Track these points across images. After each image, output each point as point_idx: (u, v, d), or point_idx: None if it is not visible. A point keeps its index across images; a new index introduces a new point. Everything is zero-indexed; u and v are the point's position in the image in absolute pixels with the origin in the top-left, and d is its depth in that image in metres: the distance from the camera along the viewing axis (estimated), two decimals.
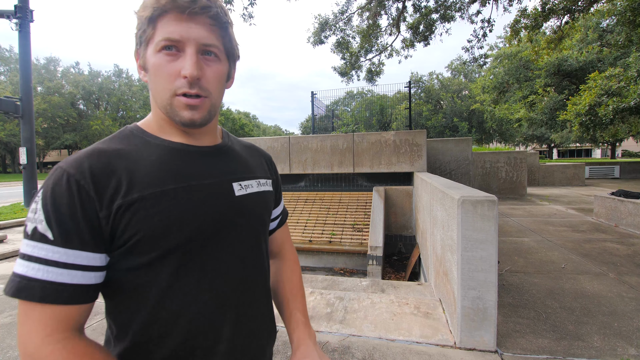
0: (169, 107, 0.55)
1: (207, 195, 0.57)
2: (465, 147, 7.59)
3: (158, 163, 0.55)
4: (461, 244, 1.91)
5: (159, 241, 0.51)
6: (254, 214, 0.64)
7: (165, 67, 0.53)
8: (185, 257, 0.53)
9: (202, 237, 0.55)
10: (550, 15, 7.69)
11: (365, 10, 9.37)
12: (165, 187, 0.53)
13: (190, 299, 0.54)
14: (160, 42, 0.52)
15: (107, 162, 0.51)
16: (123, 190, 0.50)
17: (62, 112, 31.92)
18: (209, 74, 0.55)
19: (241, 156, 0.69)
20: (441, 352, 1.91)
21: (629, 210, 4.93)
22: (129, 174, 0.52)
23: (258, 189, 0.67)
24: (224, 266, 0.58)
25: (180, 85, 0.53)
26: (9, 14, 5.64)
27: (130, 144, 0.56)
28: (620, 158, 36.17)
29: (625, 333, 2.11)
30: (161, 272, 0.52)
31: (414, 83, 23.63)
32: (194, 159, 0.59)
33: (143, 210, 0.50)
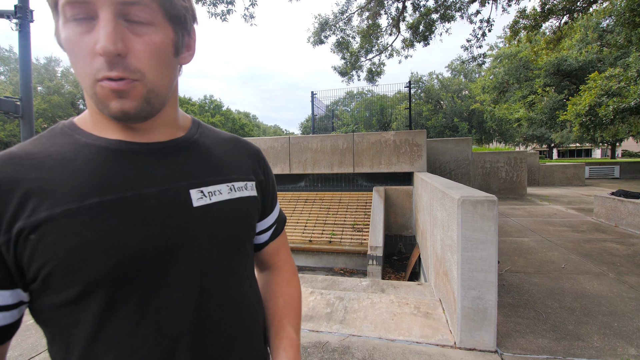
0: (95, 97, 0.40)
1: (149, 209, 0.42)
2: (465, 147, 7.59)
3: (82, 169, 0.41)
4: (461, 244, 1.91)
5: (74, 275, 0.38)
6: (221, 230, 0.48)
7: (77, 42, 0.38)
8: (117, 294, 0.40)
9: (138, 267, 0.41)
10: (549, 16, 7.69)
11: (365, 10, 9.37)
12: (84, 201, 0.39)
13: (125, 350, 0.41)
14: (65, 6, 0.37)
15: (13, 172, 0.39)
16: (29, 209, 0.38)
17: (62, 112, 31.93)
18: (139, 46, 0.39)
19: (210, 153, 0.53)
20: (441, 352, 1.91)
21: (629, 210, 4.93)
22: (40, 186, 0.39)
23: (230, 195, 0.51)
24: (174, 304, 0.43)
25: (99, 66, 0.38)
26: (9, 14, 5.64)
27: (54, 145, 0.43)
28: (620, 158, 36.18)
29: (625, 333, 2.11)
30: (86, 313, 0.39)
31: (414, 83, 23.65)
32: (135, 160, 0.45)
33: (52, 233, 0.38)
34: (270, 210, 0.64)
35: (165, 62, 0.43)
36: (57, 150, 0.43)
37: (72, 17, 0.38)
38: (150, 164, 0.46)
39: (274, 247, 0.67)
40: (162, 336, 0.43)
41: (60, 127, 0.47)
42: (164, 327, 0.43)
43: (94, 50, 0.38)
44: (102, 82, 0.39)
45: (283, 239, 0.69)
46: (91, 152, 0.43)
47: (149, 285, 0.42)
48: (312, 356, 1.91)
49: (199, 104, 50.30)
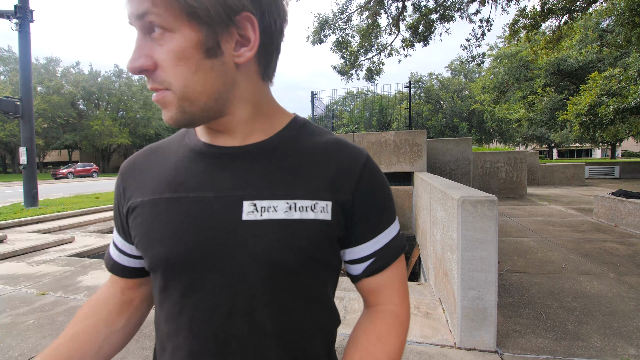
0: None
1: (202, 212, 0.43)
2: (465, 147, 7.59)
3: (172, 166, 0.48)
4: (461, 244, 1.91)
5: (147, 252, 0.46)
6: (263, 253, 0.42)
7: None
8: (168, 279, 0.45)
9: (182, 262, 0.43)
10: (549, 16, 7.69)
11: (364, 10, 9.38)
12: (162, 194, 0.46)
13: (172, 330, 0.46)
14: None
15: (142, 160, 0.52)
16: (136, 192, 0.49)
17: (62, 112, 31.92)
18: (162, 57, 0.38)
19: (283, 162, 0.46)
20: (441, 352, 1.91)
21: (629, 210, 4.93)
22: (147, 175, 0.50)
23: (286, 215, 0.43)
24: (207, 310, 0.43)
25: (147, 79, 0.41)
26: (9, 14, 5.64)
27: (170, 143, 0.53)
28: (620, 158, 36.19)
29: (625, 333, 2.11)
30: (155, 285, 0.48)
31: (413, 83, 23.64)
32: (207, 163, 0.46)
33: (140, 215, 0.47)
34: (365, 239, 0.48)
35: (192, 67, 0.39)
36: (169, 147, 0.52)
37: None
38: (217, 168, 0.46)
39: (374, 284, 0.51)
40: (193, 334, 0.44)
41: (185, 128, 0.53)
42: (196, 327, 0.44)
43: None
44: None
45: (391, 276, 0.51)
46: (184, 152, 0.49)
47: (190, 283, 0.44)
48: None
49: None
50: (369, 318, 0.51)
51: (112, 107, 37.42)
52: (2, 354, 2.01)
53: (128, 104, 37.22)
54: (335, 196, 0.45)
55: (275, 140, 0.47)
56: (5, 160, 37.87)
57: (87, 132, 33.10)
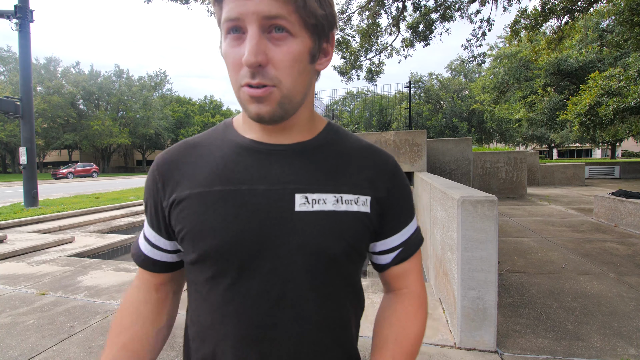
0: (239, 101, 0.47)
1: (254, 204, 0.47)
2: (465, 147, 7.59)
3: (219, 160, 0.50)
4: (461, 244, 1.91)
5: (195, 244, 0.48)
6: (312, 242, 0.47)
7: (231, 54, 0.44)
8: (218, 270, 0.47)
9: (233, 252, 0.46)
10: (550, 16, 7.69)
11: (365, 10, 9.37)
12: (212, 187, 0.48)
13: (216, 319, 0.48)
14: (224, 24, 0.43)
15: (181, 154, 0.52)
16: (181, 185, 0.50)
17: (62, 112, 31.92)
18: (278, 56, 0.43)
19: (331, 160, 0.52)
20: (441, 352, 1.91)
21: (629, 210, 4.93)
22: (190, 169, 0.51)
23: (334, 207, 0.48)
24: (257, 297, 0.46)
25: (244, 74, 0.43)
26: (9, 14, 5.64)
27: (210, 138, 0.54)
28: (620, 158, 36.19)
29: (625, 333, 2.11)
30: (200, 277, 0.49)
31: (413, 83, 23.64)
32: (259, 159, 0.50)
33: (188, 208, 0.48)
34: (395, 231, 0.56)
35: (300, 69, 0.45)
36: (211, 142, 0.53)
37: (229, 33, 0.44)
38: (268, 164, 0.50)
39: (399, 270, 0.58)
40: (240, 322, 0.47)
41: (223, 124, 0.57)
42: (244, 314, 0.47)
43: (241, 61, 0.43)
44: (244, 88, 0.44)
45: (413, 264, 0.59)
46: (229, 147, 0.52)
47: (240, 271, 0.47)
48: None
49: (199, 104, 50.30)
50: (396, 299, 0.59)
51: (112, 107, 37.43)
52: (2, 354, 2.01)
53: (128, 104, 37.22)
54: (374, 192, 0.53)
55: (319, 140, 0.53)
56: (5, 160, 37.88)
57: (87, 132, 33.10)
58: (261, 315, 0.46)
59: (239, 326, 0.47)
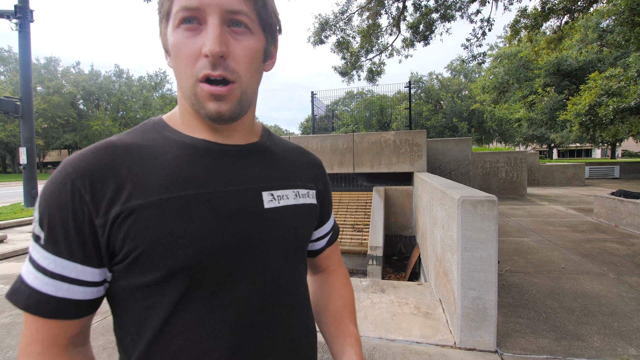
0: (193, 98, 0.44)
1: (225, 207, 0.46)
2: (465, 147, 7.59)
3: (170, 164, 0.45)
4: (461, 244, 1.91)
5: (161, 259, 0.41)
6: (286, 233, 0.51)
7: (185, 45, 0.42)
8: (193, 283, 0.43)
9: (212, 260, 0.44)
10: (550, 15, 7.69)
11: (365, 10, 9.37)
12: (172, 193, 0.43)
13: (193, 337, 0.43)
14: (178, 13, 0.42)
15: (112, 160, 0.43)
16: (124, 195, 0.41)
17: (62, 112, 31.93)
18: (238, 50, 0.43)
19: (279, 160, 0.56)
20: (441, 352, 1.91)
21: (629, 210, 4.93)
22: (135, 175, 0.43)
23: (295, 201, 0.53)
24: (240, 301, 0.46)
25: (202, 66, 0.42)
26: (9, 14, 5.64)
27: (146, 139, 0.47)
28: (620, 158, 36.18)
29: (625, 333, 2.11)
30: (164, 298, 0.43)
31: (413, 83, 23.65)
32: (217, 160, 0.48)
33: (143, 220, 0.41)
34: (328, 219, 0.67)
35: (256, 66, 0.47)
36: (149, 144, 0.47)
37: (183, 23, 0.42)
38: (230, 165, 0.49)
39: (329, 252, 0.69)
40: (227, 330, 0.45)
41: (152, 124, 0.50)
42: (230, 321, 0.45)
43: (200, 52, 0.42)
44: (203, 85, 0.43)
45: (338, 249, 0.73)
46: (179, 149, 0.47)
47: (220, 279, 0.45)
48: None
49: None
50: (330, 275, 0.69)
51: (112, 107, 37.43)
52: (2, 354, 2.01)
53: (128, 104, 37.24)
54: (316, 186, 0.61)
55: (265, 141, 0.57)
56: (5, 160, 37.88)
57: (87, 132, 33.11)
58: (253, 313, 0.47)
59: (230, 333, 0.45)
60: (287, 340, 0.51)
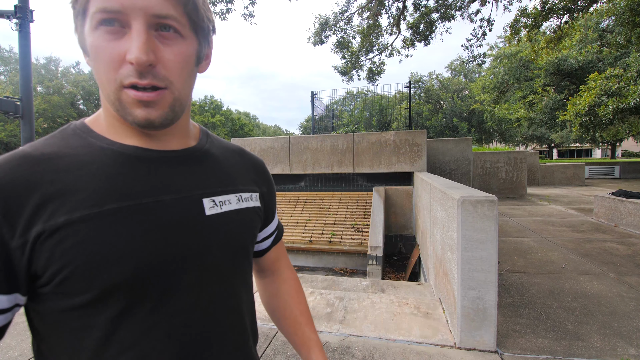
0: (117, 104, 0.41)
1: (165, 217, 0.43)
2: (465, 147, 7.59)
3: (99, 174, 0.41)
4: (461, 244, 1.91)
5: (93, 279, 0.38)
6: (230, 239, 0.50)
7: (106, 48, 0.39)
8: (132, 299, 0.40)
9: (154, 273, 0.41)
10: (550, 15, 7.69)
11: (365, 10, 9.37)
12: (104, 206, 0.39)
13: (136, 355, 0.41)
14: (95, 14, 0.38)
15: (29, 173, 0.38)
16: (47, 212, 0.37)
17: (62, 112, 31.93)
18: (168, 56, 0.41)
19: (220, 163, 0.54)
20: (441, 352, 1.91)
21: (629, 210, 4.93)
22: (58, 189, 0.38)
23: (238, 205, 0.52)
24: (185, 311, 0.45)
25: (127, 73, 0.39)
26: (9, 14, 5.64)
27: (68, 147, 0.42)
28: (620, 158, 36.16)
29: (625, 333, 2.11)
30: (100, 317, 0.39)
31: (413, 83, 23.65)
32: (152, 168, 0.45)
33: (71, 238, 0.37)
34: (272, 219, 0.67)
35: (189, 71, 0.45)
36: (72, 152, 0.42)
37: (102, 24, 0.39)
38: (166, 172, 0.46)
39: (275, 254, 0.70)
40: (173, 342, 0.43)
41: (72, 129, 0.45)
42: (176, 333, 0.44)
43: (123, 58, 0.39)
44: (128, 90, 0.40)
45: (283, 247, 0.73)
46: (107, 157, 0.43)
47: (163, 291, 0.43)
48: None
49: (199, 104, 50.30)
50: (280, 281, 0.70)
51: None
52: (2, 354, 2.01)
53: None
54: (260, 189, 0.60)
55: (203, 144, 0.54)
56: None
57: None
58: (199, 321, 0.46)
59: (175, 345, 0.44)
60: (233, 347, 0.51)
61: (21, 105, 5.96)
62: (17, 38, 5.95)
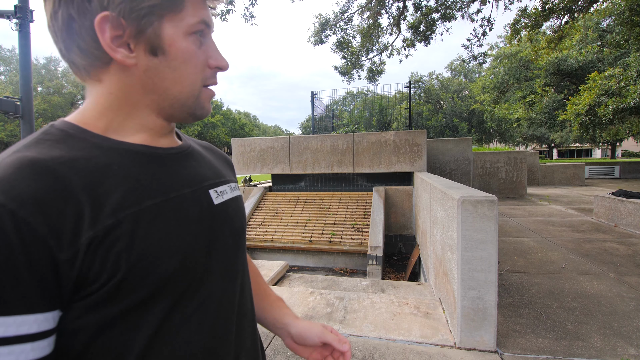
0: (192, 100, 0.48)
1: (190, 208, 0.46)
2: (465, 147, 7.59)
3: (123, 174, 0.41)
4: (461, 244, 1.91)
5: (149, 275, 0.38)
6: (235, 223, 0.55)
7: (198, 54, 0.47)
8: (177, 293, 0.42)
9: (194, 262, 0.44)
10: (550, 15, 7.70)
11: (365, 10, 9.37)
12: (142, 204, 0.40)
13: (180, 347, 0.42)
14: (197, 24, 0.45)
15: (55, 178, 0.35)
16: (89, 217, 0.35)
17: (62, 113, 31.91)
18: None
19: (206, 158, 0.59)
20: (441, 352, 1.91)
21: (629, 210, 4.93)
22: (90, 192, 0.37)
23: (232, 194, 0.57)
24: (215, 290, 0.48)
25: (210, 76, 0.49)
26: (9, 14, 5.63)
27: (74, 149, 0.40)
28: (620, 158, 36.18)
29: (625, 333, 2.11)
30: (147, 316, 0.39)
31: (414, 83, 23.65)
32: (164, 164, 0.47)
33: (123, 238, 0.37)
34: None
35: None
36: (82, 155, 0.39)
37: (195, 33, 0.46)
38: (176, 168, 0.49)
39: None
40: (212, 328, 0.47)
41: (62, 129, 0.42)
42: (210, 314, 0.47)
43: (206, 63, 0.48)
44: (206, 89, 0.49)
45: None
46: (123, 157, 0.43)
47: (200, 279, 0.45)
48: None
49: None
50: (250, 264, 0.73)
51: None
52: None
53: None
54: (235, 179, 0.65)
55: (188, 142, 0.58)
56: None
57: None
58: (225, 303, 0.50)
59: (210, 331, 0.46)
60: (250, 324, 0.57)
61: (21, 105, 5.95)
62: (17, 38, 5.94)
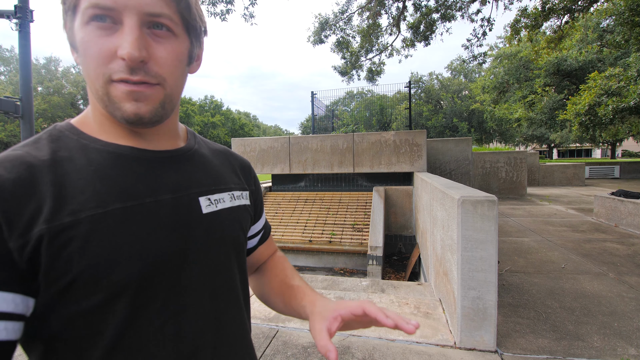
0: (105, 99, 0.41)
1: (166, 216, 0.44)
2: (465, 147, 7.59)
3: (99, 175, 0.41)
4: (461, 244, 1.91)
5: (102, 280, 0.37)
6: (226, 235, 0.52)
7: (96, 43, 0.39)
8: (139, 300, 0.40)
9: (159, 272, 0.42)
10: (550, 15, 7.70)
11: (365, 10, 9.38)
12: (108, 206, 0.39)
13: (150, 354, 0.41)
14: (87, 9, 0.38)
15: (25, 174, 0.37)
16: (47, 213, 0.36)
17: (62, 113, 31.94)
18: (161, 54, 0.42)
19: (210, 163, 0.56)
20: (441, 352, 1.91)
21: (629, 210, 4.93)
22: (59, 190, 0.38)
23: (231, 203, 0.54)
24: (192, 304, 0.45)
25: (118, 68, 0.39)
26: (9, 14, 5.64)
27: (60, 149, 0.41)
28: (620, 158, 36.17)
29: (625, 333, 2.11)
30: (107, 322, 0.38)
31: (414, 83, 23.65)
32: (149, 168, 0.46)
33: (78, 239, 0.37)
34: (259, 217, 0.69)
35: (181, 70, 0.45)
36: (67, 155, 0.41)
37: (94, 20, 0.39)
38: (163, 172, 0.47)
39: (263, 250, 0.71)
40: (182, 339, 0.44)
41: (59, 131, 0.44)
42: (184, 330, 0.44)
43: (114, 53, 0.39)
44: (118, 84, 0.40)
45: (273, 245, 0.74)
46: (104, 159, 0.43)
47: (168, 290, 0.43)
48: (312, 356, 1.91)
49: (199, 104, 50.32)
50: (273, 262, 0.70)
51: None
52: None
53: None
54: (249, 187, 0.63)
55: (192, 145, 0.55)
56: None
57: None
58: (203, 318, 0.47)
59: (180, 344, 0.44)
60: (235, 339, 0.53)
61: (21, 105, 5.95)
62: (17, 38, 5.94)
